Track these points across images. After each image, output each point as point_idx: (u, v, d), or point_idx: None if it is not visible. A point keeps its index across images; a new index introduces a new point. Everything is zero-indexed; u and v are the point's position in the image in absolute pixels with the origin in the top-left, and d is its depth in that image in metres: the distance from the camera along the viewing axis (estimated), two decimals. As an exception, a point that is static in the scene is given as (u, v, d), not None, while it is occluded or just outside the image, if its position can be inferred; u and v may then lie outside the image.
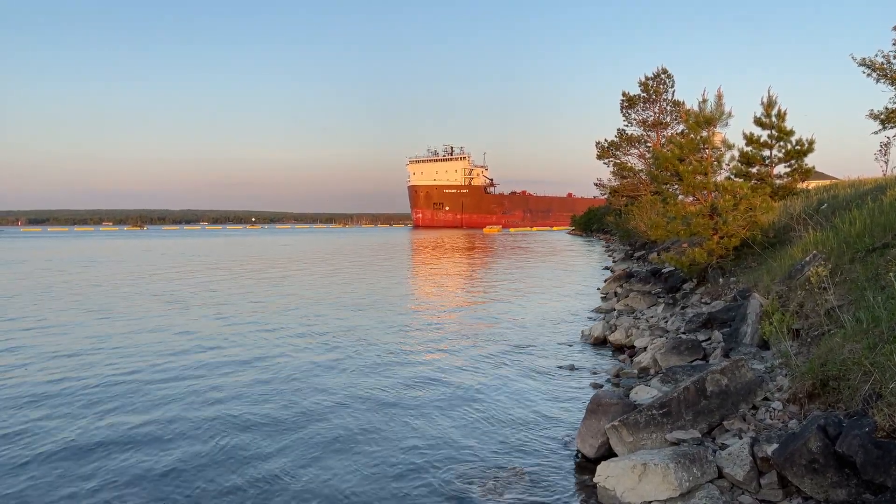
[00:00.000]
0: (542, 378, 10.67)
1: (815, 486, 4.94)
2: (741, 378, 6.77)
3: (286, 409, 9.03)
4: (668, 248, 22.24)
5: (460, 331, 15.44)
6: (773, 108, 21.85)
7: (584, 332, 14.17)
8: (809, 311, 8.37)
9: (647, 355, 10.60)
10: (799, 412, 6.30)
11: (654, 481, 5.51)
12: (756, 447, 5.58)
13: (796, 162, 22.28)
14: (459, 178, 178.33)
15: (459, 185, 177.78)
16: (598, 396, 7.30)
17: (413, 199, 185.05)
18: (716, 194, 16.11)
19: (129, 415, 8.77)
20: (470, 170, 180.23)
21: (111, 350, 13.05)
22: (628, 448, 6.31)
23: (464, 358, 12.35)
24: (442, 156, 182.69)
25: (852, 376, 5.84)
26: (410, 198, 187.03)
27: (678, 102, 47.52)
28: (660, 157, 17.42)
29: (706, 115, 15.93)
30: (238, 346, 13.46)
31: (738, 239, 15.28)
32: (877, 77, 23.34)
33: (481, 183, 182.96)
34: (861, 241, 9.61)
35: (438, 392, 9.93)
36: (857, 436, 4.76)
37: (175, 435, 7.95)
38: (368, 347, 13.43)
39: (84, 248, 66.79)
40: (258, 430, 8.11)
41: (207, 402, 9.33)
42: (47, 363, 11.89)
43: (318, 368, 11.48)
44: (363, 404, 9.27)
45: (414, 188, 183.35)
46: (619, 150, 53.20)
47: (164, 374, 11.05)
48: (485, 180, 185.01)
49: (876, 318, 6.49)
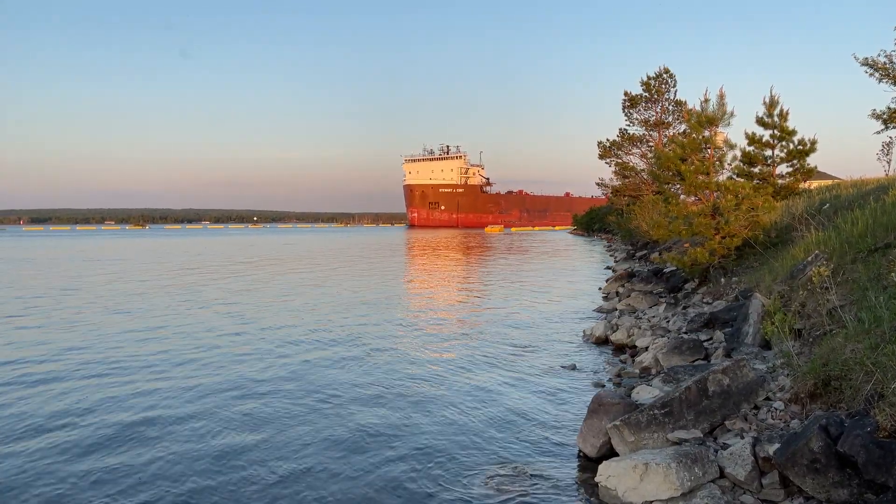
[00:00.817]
0: (544, 377, 10.68)
1: (817, 486, 4.94)
2: (743, 378, 6.78)
3: (288, 403, 9.06)
4: (669, 248, 22.22)
5: (461, 330, 15.45)
6: (776, 108, 21.83)
7: (586, 332, 14.18)
8: (811, 310, 8.36)
9: (648, 355, 10.60)
10: (801, 412, 6.30)
11: (655, 481, 5.51)
12: (758, 447, 5.58)
13: (798, 162, 22.25)
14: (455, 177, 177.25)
15: (455, 184, 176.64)
16: (599, 396, 7.31)
17: (408, 198, 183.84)
18: (718, 194, 16.10)
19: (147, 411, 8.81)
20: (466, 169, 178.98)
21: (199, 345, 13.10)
22: (630, 448, 6.32)
23: (465, 357, 12.36)
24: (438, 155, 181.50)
25: (854, 376, 5.84)
26: (406, 197, 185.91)
27: (680, 102, 47.46)
28: (662, 156, 17.41)
29: (708, 115, 15.93)
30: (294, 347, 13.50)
31: (740, 239, 15.27)
32: (879, 77, 23.28)
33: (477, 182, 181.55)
34: (863, 241, 9.61)
35: (439, 391, 9.94)
36: (858, 436, 4.76)
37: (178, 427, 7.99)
38: (370, 346, 13.45)
39: (110, 247, 66.92)
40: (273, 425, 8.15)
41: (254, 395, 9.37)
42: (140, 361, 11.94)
43: (318, 366, 11.50)
44: (364, 403, 9.28)
45: (409, 187, 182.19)
46: (620, 149, 53.16)
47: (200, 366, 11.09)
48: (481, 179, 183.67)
49: (878, 318, 6.49)
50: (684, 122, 21.75)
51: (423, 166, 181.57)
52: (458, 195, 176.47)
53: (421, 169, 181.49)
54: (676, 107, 47.90)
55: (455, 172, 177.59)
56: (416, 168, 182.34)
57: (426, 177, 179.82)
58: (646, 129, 50.58)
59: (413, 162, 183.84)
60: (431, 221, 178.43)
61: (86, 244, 74.49)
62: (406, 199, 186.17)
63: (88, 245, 71.79)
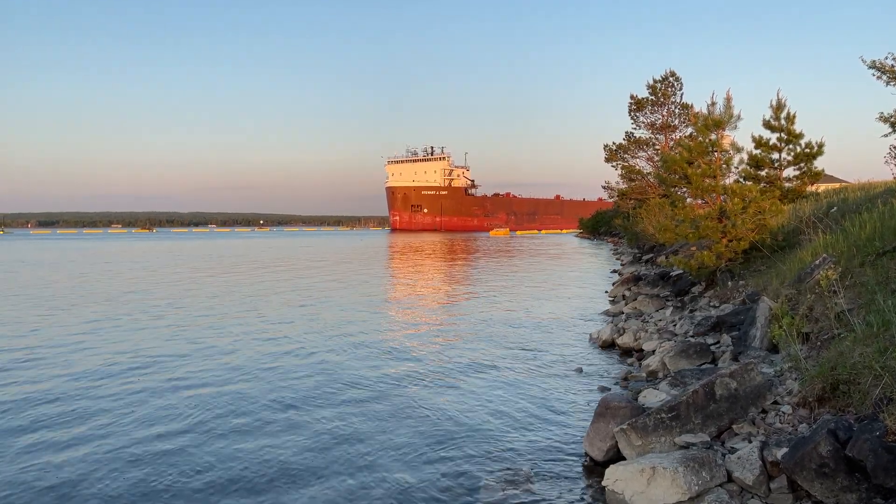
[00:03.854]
0: (550, 381, 10.67)
1: (826, 491, 4.92)
2: (750, 381, 6.75)
3: (309, 398, 9.09)
4: (676, 252, 22.16)
5: (467, 332, 15.44)
6: (783, 111, 21.78)
7: (593, 336, 14.16)
8: (819, 314, 8.34)
9: (655, 358, 10.58)
10: (809, 416, 6.28)
11: (663, 485, 5.50)
12: (766, 451, 5.57)
13: (806, 165, 22.19)
14: (438, 178, 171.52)
15: (438, 186, 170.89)
16: (606, 399, 7.29)
17: (390, 201, 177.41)
18: (724, 197, 16.05)
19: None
20: (450, 170, 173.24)
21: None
22: (637, 451, 6.30)
23: (471, 359, 12.35)
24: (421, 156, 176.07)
25: (862, 380, 5.82)
26: (388, 200, 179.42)
27: (686, 105, 47.37)
28: (668, 160, 17.38)
29: (715, 118, 15.89)
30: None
31: (747, 242, 15.22)
32: (887, 80, 23.17)
33: (462, 184, 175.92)
34: (871, 244, 9.57)
35: (445, 393, 9.94)
36: (867, 440, 4.74)
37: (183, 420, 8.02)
38: (372, 348, 13.47)
39: (133, 250, 67.24)
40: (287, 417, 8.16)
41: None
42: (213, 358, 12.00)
43: (326, 365, 11.53)
44: (366, 402, 9.30)
45: (391, 189, 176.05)
46: (627, 152, 53.07)
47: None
48: (466, 181, 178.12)
49: (886, 321, 6.47)
50: (691, 126, 21.71)
51: (406, 168, 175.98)
52: (442, 198, 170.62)
53: (404, 171, 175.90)
54: (683, 110, 47.81)
55: (438, 174, 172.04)
56: (399, 170, 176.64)
57: (409, 178, 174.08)
58: (652, 133, 50.50)
59: (395, 163, 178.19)
60: (413, 225, 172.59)
61: (116, 247, 74.87)
62: (388, 201, 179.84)
63: (138, 247, 72.16)
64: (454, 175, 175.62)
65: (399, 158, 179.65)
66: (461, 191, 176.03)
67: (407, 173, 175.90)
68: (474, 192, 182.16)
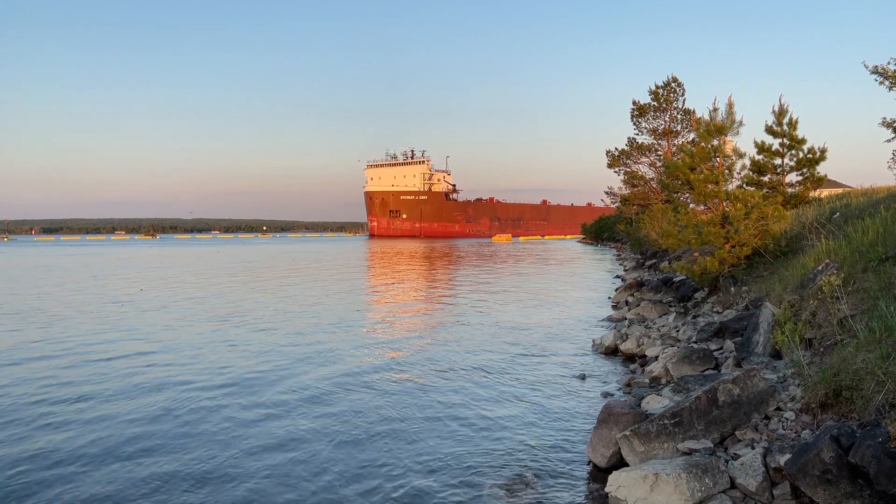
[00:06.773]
0: (553, 387, 10.66)
1: (829, 497, 4.92)
2: (753, 388, 6.75)
3: (305, 403, 9.12)
4: (679, 257, 22.17)
5: (470, 338, 15.44)
6: (785, 117, 21.77)
7: (596, 341, 14.15)
8: (822, 320, 8.33)
9: (658, 365, 10.57)
10: (812, 422, 6.27)
11: (666, 491, 5.50)
12: (769, 457, 5.57)
13: (808, 170, 22.16)
14: (418, 183, 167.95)
15: (418, 191, 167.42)
16: (609, 406, 7.30)
17: (369, 206, 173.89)
18: (727, 203, 16.06)
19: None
20: (430, 175, 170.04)
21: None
22: (640, 458, 6.31)
23: (474, 365, 12.35)
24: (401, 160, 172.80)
25: (865, 386, 5.82)
26: (367, 205, 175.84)
27: (689, 111, 47.45)
28: (671, 165, 17.40)
29: (717, 124, 15.91)
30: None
31: (750, 248, 15.22)
32: (889, 85, 23.17)
33: (442, 189, 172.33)
34: (874, 250, 9.57)
35: (448, 399, 9.94)
36: (870, 446, 4.74)
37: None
38: (375, 350, 13.48)
39: (156, 255, 67.42)
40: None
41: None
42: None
43: (335, 368, 11.55)
44: (370, 408, 9.31)
45: (369, 194, 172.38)
46: (629, 158, 53.12)
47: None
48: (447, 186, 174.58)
49: (889, 327, 6.47)
50: (693, 131, 21.75)
51: (385, 172, 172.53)
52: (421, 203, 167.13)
53: (383, 175, 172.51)
54: (685, 115, 47.88)
55: (418, 178, 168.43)
56: (378, 174, 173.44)
57: (388, 183, 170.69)
58: (654, 138, 50.56)
59: (375, 167, 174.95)
60: (392, 231, 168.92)
61: (126, 253, 75.05)
62: (367, 206, 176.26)
63: (157, 252, 72.35)
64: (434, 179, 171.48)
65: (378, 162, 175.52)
66: (441, 196, 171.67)
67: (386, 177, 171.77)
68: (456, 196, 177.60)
